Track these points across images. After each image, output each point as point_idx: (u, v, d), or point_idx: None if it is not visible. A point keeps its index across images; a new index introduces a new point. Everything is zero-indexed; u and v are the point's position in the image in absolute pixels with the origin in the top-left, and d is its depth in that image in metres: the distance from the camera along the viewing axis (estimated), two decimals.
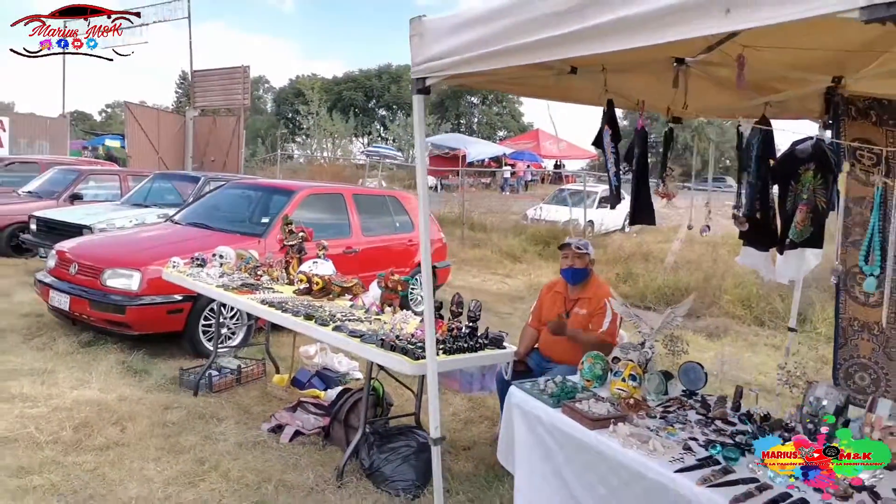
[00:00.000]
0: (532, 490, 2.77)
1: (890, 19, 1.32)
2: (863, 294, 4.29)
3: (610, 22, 1.79)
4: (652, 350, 3.08)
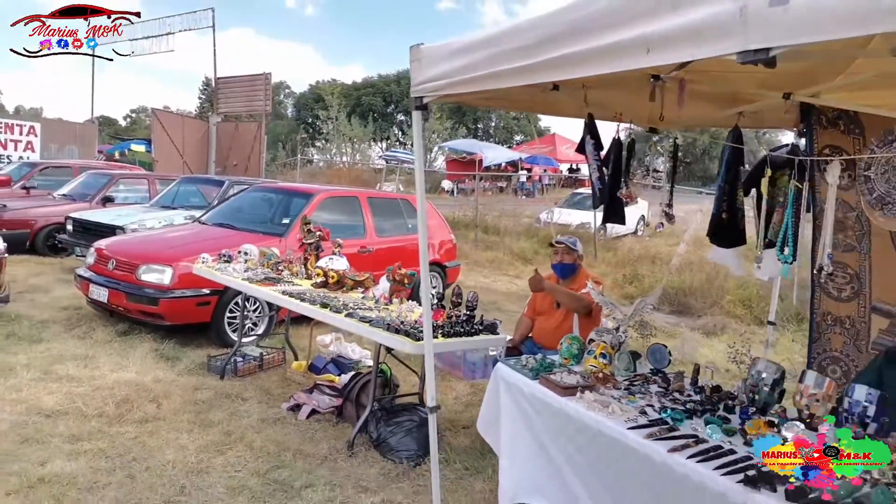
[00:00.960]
0: (514, 451, 3.19)
1: (756, 62, 1.73)
2: (836, 290, 4.66)
3: (560, 56, 2.23)
4: (625, 334, 3.48)
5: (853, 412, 2.60)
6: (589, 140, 3.75)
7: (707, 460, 2.38)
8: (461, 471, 3.87)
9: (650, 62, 2.01)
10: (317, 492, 3.51)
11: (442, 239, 8.94)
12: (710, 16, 1.81)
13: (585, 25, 2.20)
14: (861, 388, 2.63)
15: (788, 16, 1.63)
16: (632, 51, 2.05)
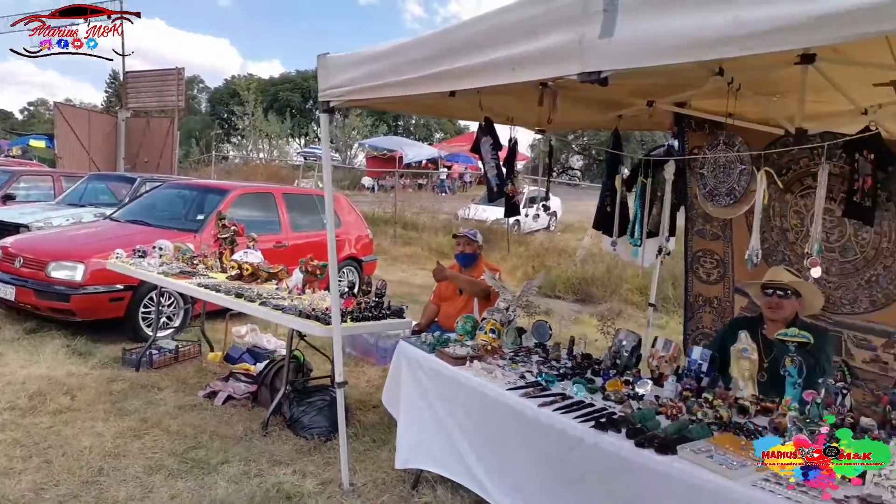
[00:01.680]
0: (411, 420, 3.57)
1: (592, 81, 2.16)
2: (705, 274, 5.31)
3: (444, 70, 2.62)
4: (513, 313, 3.92)
5: (691, 369, 3.13)
6: (487, 140, 4.18)
7: (570, 412, 2.83)
8: (369, 443, 4.21)
9: (516, 78, 2.43)
10: (232, 467, 3.76)
11: (359, 234, 9.23)
12: (558, 43, 2.24)
13: (465, 46, 2.61)
14: (697, 350, 3.17)
15: (612, 46, 2.07)
16: (501, 68, 2.47)
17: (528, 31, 2.32)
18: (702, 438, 2.56)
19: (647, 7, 1.95)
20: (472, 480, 3.19)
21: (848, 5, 1.53)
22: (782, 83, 3.52)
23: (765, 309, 3.54)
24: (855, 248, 4.31)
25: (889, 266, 4.19)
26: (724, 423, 2.72)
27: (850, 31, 1.56)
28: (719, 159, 3.32)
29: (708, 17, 1.79)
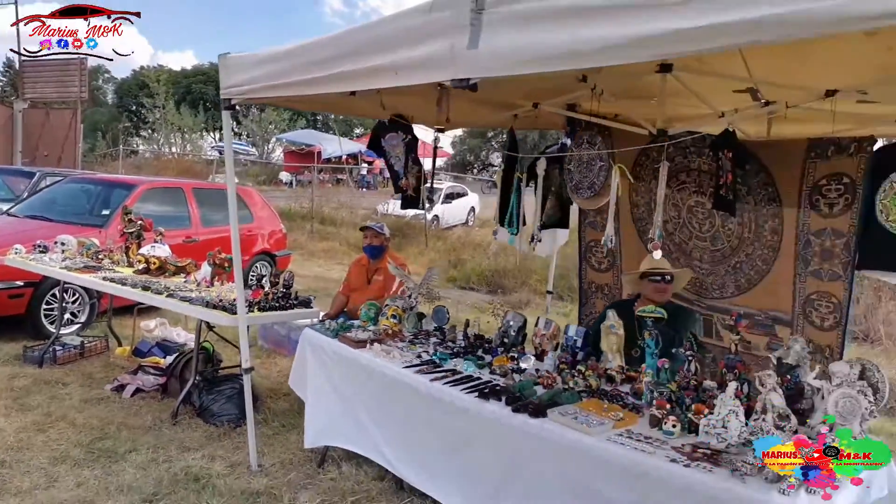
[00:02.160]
0: (318, 401, 3.77)
1: (463, 87, 2.44)
2: (597, 263, 5.73)
3: (336, 73, 2.84)
4: (416, 300, 4.18)
5: (568, 345, 3.49)
6: (392, 137, 4.43)
7: (458, 385, 3.12)
8: (278, 427, 4.38)
9: (398, 82, 2.68)
10: (141, 454, 3.84)
11: (272, 229, 9.26)
12: (433, 52, 2.51)
13: (354, 52, 2.84)
14: (573, 328, 3.54)
15: (478, 57, 2.36)
16: (385, 73, 2.71)
17: (408, 40, 2.57)
18: (571, 403, 2.91)
19: (505, 25, 2.24)
20: (377, 453, 3.44)
21: (653, 30, 1.87)
22: (649, 89, 3.92)
23: (652, 293, 3.89)
24: (722, 237, 4.79)
25: (750, 253, 4.69)
26: (593, 391, 3.09)
27: (649, 53, 1.91)
28: (583, 156, 3.69)
29: (551, 36, 2.10)
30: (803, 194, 4.30)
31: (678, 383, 2.89)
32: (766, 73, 3.57)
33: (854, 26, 1.59)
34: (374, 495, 3.52)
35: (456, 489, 3.04)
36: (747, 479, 2.23)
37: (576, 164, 3.76)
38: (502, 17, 2.26)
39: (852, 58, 3.15)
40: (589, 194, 3.66)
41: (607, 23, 1.98)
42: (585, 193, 3.68)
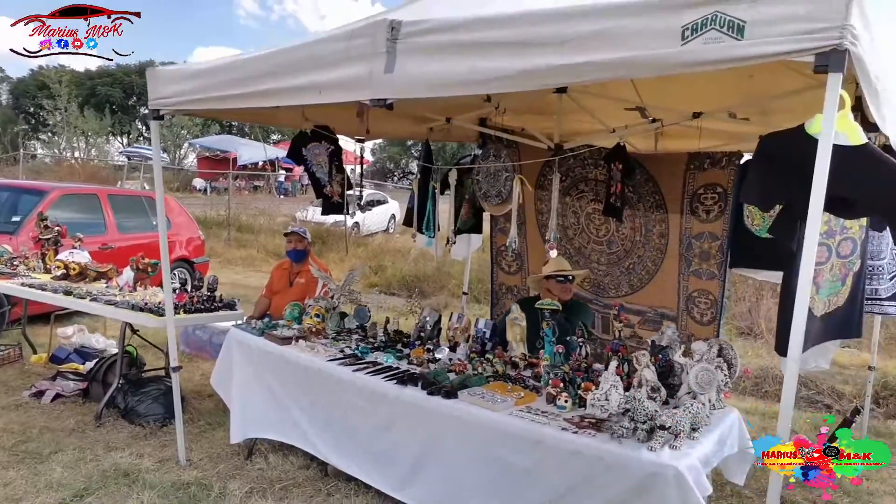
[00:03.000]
0: (246, 397, 3.97)
1: (381, 106, 2.77)
2: (507, 266, 6.16)
3: (262, 90, 3.11)
4: (338, 300, 4.45)
5: (478, 336, 3.87)
6: (319, 146, 4.69)
7: (379, 374, 3.43)
8: (205, 426, 4.53)
9: (321, 100, 2.98)
10: (67, 455, 3.92)
11: (190, 236, 9.23)
12: (354, 74, 2.82)
13: (281, 70, 3.11)
14: (482, 321, 3.93)
15: (393, 80, 2.69)
16: (310, 91, 3.00)
17: (332, 63, 2.88)
18: (479, 386, 3.28)
19: (416, 54, 2.59)
20: (306, 441, 3.69)
21: (527, 65, 2.27)
22: (550, 106, 4.37)
23: (557, 292, 4.31)
24: (617, 241, 5.30)
25: (641, 255, 5.22)
26: (499, 375, 3.47)
27: (531, 83, 2.31)
28: (490, 168, 4.11)
29: (454, 66, 2.47)
30: (685, 202, 4.87)
31: (571, 366, 3.32)
32: (650, 96, 4.10)
33: (679, 70, 2.05)
34: (301, 482, 3.76)
35: (377, 468, 3.35)
36: (623, 440, 2.67)
37: (484, 174, 4.16)
38: (413, 47, 2.61)
39: (719, 84, 3.68)
40: (497, 202, 4.07)
41: (501, 57, 2.36)
42: (494, 201, 4.08)
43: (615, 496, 2.62)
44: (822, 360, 3.43)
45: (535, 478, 2.82)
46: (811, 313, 3.04)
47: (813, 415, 5.93)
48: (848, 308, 3.21)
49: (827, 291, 3.09)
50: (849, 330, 3.30)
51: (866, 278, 3.44)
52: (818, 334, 3.12)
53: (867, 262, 3.35)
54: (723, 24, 1.95)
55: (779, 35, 1.89)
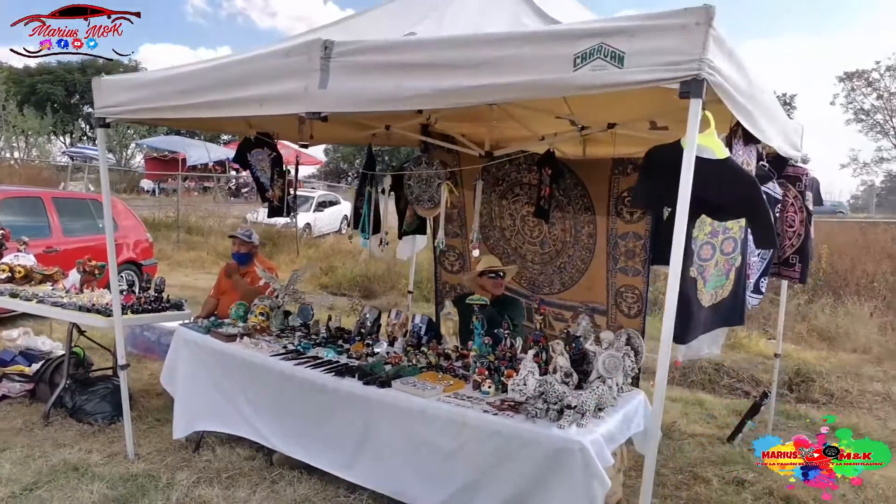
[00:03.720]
0: (192, 391, 4.15)
1: (316, 118, 3.02)
2: (449, 265, 6.44)
3: (205, 101, 3.32)
4: (282, 300, 4.66)
5: (415, 331, 4.15)
6: (262, 152, 4.89)
7: (318, 367, 3.67)
8: (153, 422, 4.68)
9: (262, 112, 3.21)
10: (15, 452, 4.03)
11: (137, 238, 9.24)
12: (292, 89, 3.06)
13: (223, 83, 3.32)
14: (419, 317, 4.21)
15: (327, 95, 2.94)
16: (251, 103, 3.23)
17: (271, 77, 3.11)
18: (412, 376, 3.56)
19: (347, 72, 2.85)
20: (254, 431, 3.90)
21: (453, 85, 2.56)
22: (484, 115, 4.66)
23: (490, 287, 4.61)
24: (549, 242, 5.64)
25: (571, 255, 5.57)
26: (432, 366, 3.75)
27: (454, 101, 2.60)
28: (422, 174, 4.39)
29: (381, 84, 2.74)
30: (611, 204, 5.24)
31: (497, 355, 3.62)
32: (577, 107, 4.43)
33: (572, 92, 2.37)
34: (247, 471, 3.97)
35: (323, 453, 3.59)
36: (537, 420, 2.98)
37: (416, 180, 4.44)
38: (345, 65, 2.87)
39: (641, 96, 4.03)
40: (429, 206, 4.36)
41: (421, 77, 2.65)
42: (426, 205, 4.38)
43: (530, 470, 2.93)
44: (714, 347, 3.83)
45: (461, 457, 3.11)
46: (700, 304, 3.44)
47: (732, 401, 6.41)
48: (732, 299, 3.62)
49: (713, 284, 3.49)
50: (733, 318, 3.70)
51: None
52: (707, 322, 3.52)
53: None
54: (607, 55, 2.28)
55: (651, 65, 2.23)
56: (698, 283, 3.43)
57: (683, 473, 4.48)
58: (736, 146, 3.39)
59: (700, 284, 3.42)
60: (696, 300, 3.46)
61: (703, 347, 3.72)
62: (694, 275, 3.41)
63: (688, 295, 3.39)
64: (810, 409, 6.15)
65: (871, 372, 7.66)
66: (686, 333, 3.50)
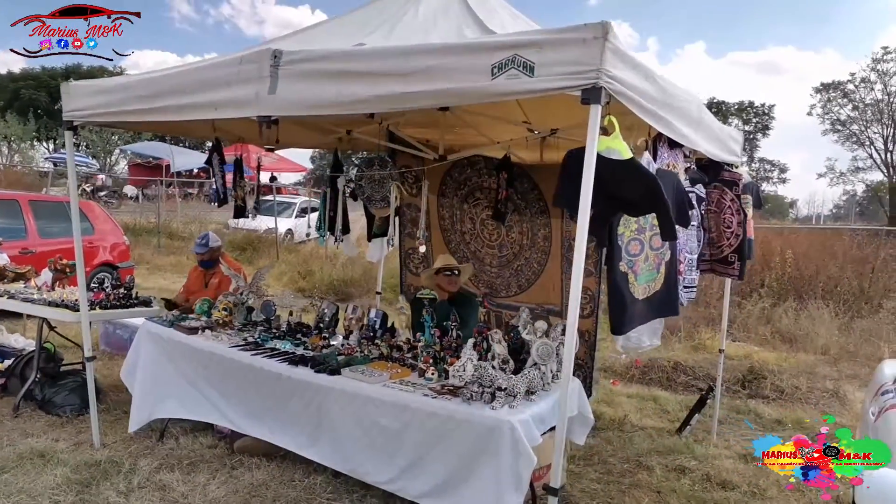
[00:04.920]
0: (155, 382, 4.34)
1: (265, 123, 3.24)
2: (414, 268, 6.64)
3: (165, 105, 3.54)
4: (246, 297, 4.86)
5: (370, 325, 4.36)
6: (216, 157, 5.10)
7: (275, 357, 3.89)
8: (121, 414, 4.85)
9: (217, 115, 3.43)
10: None
11: (115, 241, 9.40)
12: (244, 94, 3.28)
13: (180, 89, 3.55)
14: (374, 311, 4.43)
15: (276, 100, 3.17)
16: (207, 107, 3.45)
17: (225, 83, 3.33)
18: (362, 364, 3.78)
19: (293, 79, 3.08)
20: (221, 416, 4.09)
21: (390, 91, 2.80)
22: (439, 122, 4.89)
23: (445, 284, 4.84)
24: (507, 245, 5.86)
25: (528, 258, 5.79)
26: (384, 356, 3.97)
27: (395, 106, 2.83)
28: (374, 175, 4.63)
29: (323, 90, 2.97)
30: None
31: (443, 346, 3.85)
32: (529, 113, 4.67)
33: (491, 99, 2.61)
34: (208, 458, 4.16)
35: (283, 433, 3.79)
36: (472, 402, 3.21)
37: (367, 181, 4.69)
38: (291, 73, 3.10)
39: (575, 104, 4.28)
40: (382, 205, 4.60)
41: (358, 84, 2.89)
42: (378, 205, 4.62)
43: (465, 449, 3.15)
44: (654, 339, 4.08)
45: (405, 437, 3.33)
46: (633, 296, 3.69)
47: (686, 397, 6.66)
48: (664, 291, 3.87)
49: (644, 278, 3.74)
50: (668, 309, 3.95)
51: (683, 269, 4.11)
52: (642, 314, 3.76)
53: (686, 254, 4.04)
54: (519, 65, 2.52)
55: (557, 74, 2.48)
56: (629, 277, 3.67)
57: (630, 462, 4.72)
58: (661, 149, 3.66)
59: (631, 278, 3.66)
60: (629, 293, 3.69)
61: (643, 339, 3.95)
62: (624, 269, 3.64)
63: (620, 287, 3.63)
64: (759, 405, 6.41)
65: (826, 371, 7.96)
66: (622, 325, 3.72)
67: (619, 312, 3.68)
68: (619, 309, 3.70)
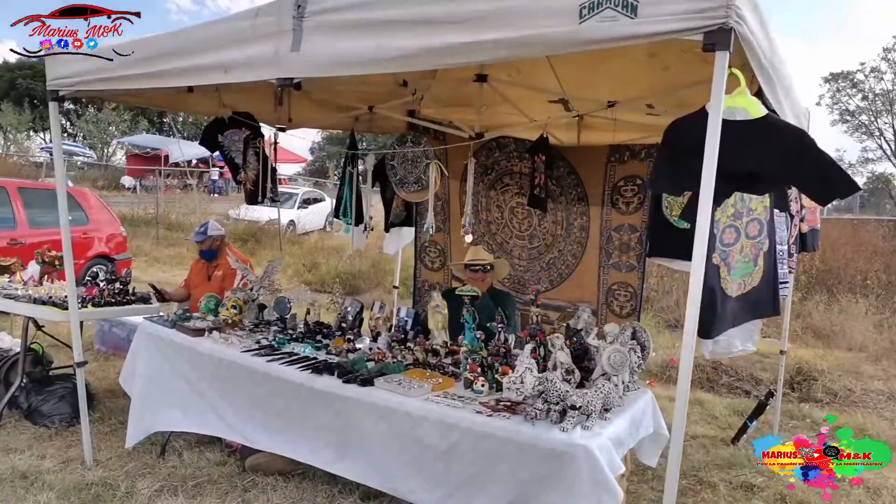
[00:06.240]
0: (155, 389, 3.80)
1: (287, 86, 2.69)
2: (430, 262, 6.10)
3: (163, 70, 2.99)
4: (257, 292, 4.33)
5: (400, 325, 3.83)
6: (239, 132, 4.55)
7: (294, 364, 3.35)
8: (116, 424, 4.32)
9: (228, 79, 2.88)
10: None
11: (111, 232, 8.86)
12: (260, 53, 2.74)
13: (183, 49, 3.00)
14: (404, 310, 3.90)
15: (300, 58, 2.62)
16: (215, 70, 2.90)
17: (238, 41, 2.78)
18: (398, 373, 3.25)
19: (322, 32, 2.53)
20: (231, 430, 3.55)
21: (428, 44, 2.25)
22: (472, 98, 4.35)
23: (472, 282, 4.31)
24: (539, 235, 5.33)
25: (562, 250, 5.26)
26: (420, 363, 3.44)
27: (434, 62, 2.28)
28: (407, 154, 4.08)
29: (360, 44, 2.42)
30: (605, 194, 4.95)
31: (490, 351, 3.32)
32: (571, 87, 4.13)
33: (577, 48, 2.06)
34: (216, 478, 3.64)
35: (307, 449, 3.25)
36: (536, 422, 2.67)
37: (399, 160, 4.13)
38: (320, 24, 2.55)
39: (636, 76, 3.73)
40: (415, 188, 4.05)
41: (404, 35, 2.33)
42: (412, 188, 4.06)
43: (528, 476, 2.62)
44: (748, 343, 3.47)
45: (452, 458, 2.80)
46: (725, 294, 3.12)
47: (732, 401, 6.15)
48: (762, 288, 3.30)
49: (740, 272, 3.18)
50: (765, 308, 3.38)
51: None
52: (736, 314, 3.19)
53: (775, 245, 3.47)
54: (617, 4, 1.97)
55: (670, 14, 1.93)
56: (722, 271, 3.11)
57: (688, 478, 4.20)
58: None
59: (724, 272, 3.10)
60: (720, 289, 3.11)
61: (734, 343, 3.36)
62: (717, 262, 3.08)
63: (711, 284, 3.04)
64: (814, 409, 5.90)
65: (871, 370, 7.45)
66: (711, 327, 3.11)
67: (709, 312, 3.05)
68: (709, 308, 3.07)
